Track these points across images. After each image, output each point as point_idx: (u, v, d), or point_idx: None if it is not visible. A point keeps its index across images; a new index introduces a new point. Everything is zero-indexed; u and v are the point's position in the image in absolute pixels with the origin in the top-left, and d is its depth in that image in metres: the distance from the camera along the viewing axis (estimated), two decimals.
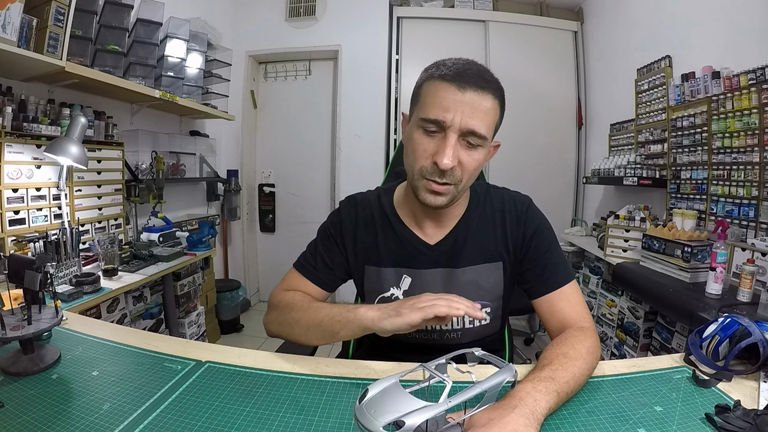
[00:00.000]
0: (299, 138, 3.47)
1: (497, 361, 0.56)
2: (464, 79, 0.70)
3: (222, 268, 3.31)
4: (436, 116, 0.70)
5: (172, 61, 2.27)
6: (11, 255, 0.80)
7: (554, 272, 0.82)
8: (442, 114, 0.70)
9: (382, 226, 0.89)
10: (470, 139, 0.72)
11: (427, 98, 0.73)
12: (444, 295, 0.68)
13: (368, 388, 0.50)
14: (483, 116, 0.71)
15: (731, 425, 0.55)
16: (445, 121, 0.70)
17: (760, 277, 1.49)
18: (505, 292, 0.87)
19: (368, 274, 0.89)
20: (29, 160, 1.62)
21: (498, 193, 0.90)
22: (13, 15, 1.34)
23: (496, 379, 0.52)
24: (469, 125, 0.70)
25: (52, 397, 0.63)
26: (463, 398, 0.48)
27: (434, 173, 0.73)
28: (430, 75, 0.74)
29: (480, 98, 0.70)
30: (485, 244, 0.85)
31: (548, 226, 0.87)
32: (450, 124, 0.70)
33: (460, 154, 0.72)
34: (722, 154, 1.90)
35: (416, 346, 0.90)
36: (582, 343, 0.69)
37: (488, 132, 0.73)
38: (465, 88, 0.69)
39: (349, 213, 0.92)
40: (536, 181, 3.27)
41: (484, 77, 0.72)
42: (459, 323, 0.86)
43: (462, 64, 0.73)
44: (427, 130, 0.72)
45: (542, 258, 0.83)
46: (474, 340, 0.88)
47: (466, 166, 0.73)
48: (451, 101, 0.70)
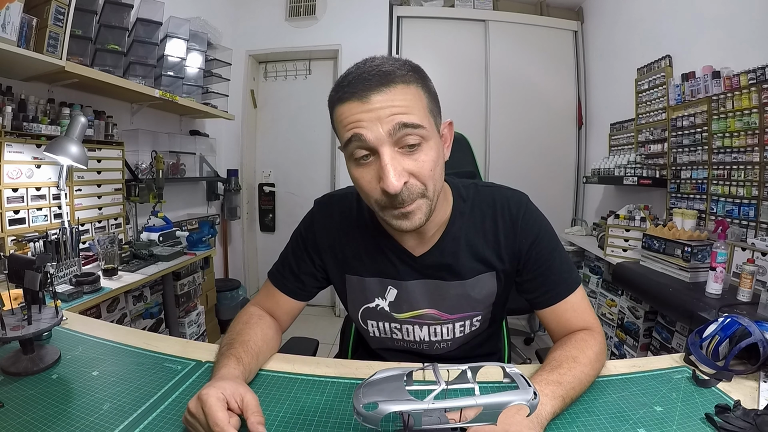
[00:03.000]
0: (299, 138, 3.47)
1: (521, 381, 0.52)
2: (362, 88, 0.59)
3: (222, 267, 3.31)
4: (350, 134, 0.60)
5: (172, 60, 2.26)
6: (11, 255, 0.80)
7: (558, 282, 0.76)
8: (356, 131, 0.59)
9: (362, 232, 0.80)
10: (408, 139, 0.60)
11: (339, 128, 0.63)
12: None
13: (376, 372, 0.51)
14: (404, 108, 0.59)
15: (731, 425, 0.55)
16: (363, 136, 0.59)
17: (760, 276, 1.49)
18: (497, 300, 0.81)
19: (350, 283, 0.82)
20: (29, 160, 1.62)
21: (488, 193, 0.79)
22: (12, 14, 1.34)
23: (500, 399, 0.49)
24: (392, 123, 0.58)
25: (52, 397, 0.63)
26: (452, 405, 0.48)
27: (392, 200, 0.62)
28: (332, 104, 0.64)
29: (389, 94, 0.59)
30: (476, 255, 0.76)
31: (548, 229, 0.78)
32: (374, 139, 0.59)
33: (405, 164, 0.61)
34: (722, 154, 1.90)
35: (407, 353, 0.86)
36: (591, 348, 0.68)
37: (422, 118, 0.61)
38: (367, 96, 0.59)
39: (324, 217, 0.84)
40: (536, 181, 3.27)
41: (381, 70, 0.60)
42: (449, 334, 0.81)
43: (356, 72, 0.61)
44: (358, 160, 0.62)
45: (544, 268, 0.76)
46: (464, 344, 0.84)
47: (420, 174, 0.62)
48: (361, 116, 0.59)
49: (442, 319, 0.80)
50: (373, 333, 0.85)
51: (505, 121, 3.27)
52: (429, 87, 0.65)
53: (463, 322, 0.80)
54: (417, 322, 0.81)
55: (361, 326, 0.86)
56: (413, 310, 0.80)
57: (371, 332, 0.85)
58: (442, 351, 0.84)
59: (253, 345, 0.71)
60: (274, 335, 0.79)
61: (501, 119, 3.27)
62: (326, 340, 2.65)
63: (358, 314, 0.84)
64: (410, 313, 0.80)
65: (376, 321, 0.83)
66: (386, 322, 0.82)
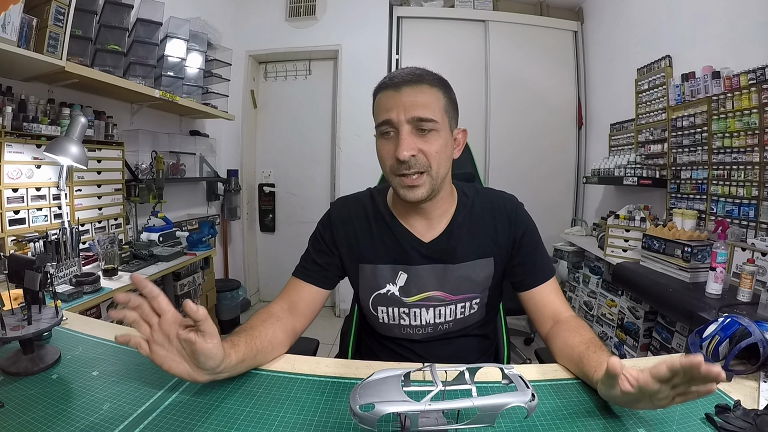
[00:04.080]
0: (299, 138, 3.47)
1: (519, 383, 0.52)
2: (397, 80, 0.78)
3: (222, 267, 3.31)
4: (382, 118, 0.79)
5: (172, 60, 2.27)
6: (11, 255, 0.80)
7: (542, 267, 0.90)
8: (386, 114, 0.78)
9: (377, 223, 0.91)
10: (422, 125, 0.77)
11: (375, 109, 0.82)
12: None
13: (374, 372, 0.52)
14: (424, 103, 0.77)
15: (731, 425, 0.55)
16: (390, 118, 0.77)
17: (760, 277, 1.49)
18: (493, 284, 0.92)
19: (363, 272, 0.91)
20: (29, 160, 1.62)
21: (486, 194, 0.96)
22: (13, 15, 1.34)
23: (498, 400, 0.48)
24: (412, 113, 0.76)
25: (52, 397, 0.63)
26: (449, 406, 0.48)
27: (401, 167, 0.78)
28: (374, 93, 0.84)
29: (416, 90, 0.77)
30: (478, 241, 0.90)
31: (534, 224, 0.94)
32: (397, 120, 0.77)
33: (417, 143, 0.77)
34: (722, 154, 1.90)
35: (412, 341, 0.92)
36: (589, 330, 0.79)
37: (436, 115, 0.78)
38: (399, 87, 0.78)
39: (340, 213, 0.94)
40: (536, 181, 3.27)
41: (415, 72, 0.80)
42: (451, 315, 0.90)
43: (398, 71, 0.81)
44: (383, 134, 0.80)
45: (531, 254, 0.91)
46: (464, 327, 0.92)
47: (428, 152, 0.78)
48: (392, 102, 0.78)
49: (446, 300, 0.89)
50: (382, 319, 0.92)
51: (505, 122, 3.27)
52: (450, 95, 0.83)
53: (464, 304, 0.90)
54: (424, 304, 0.89)
55: (371, 313, 0.93)
56: (421, 293, 0.89)
57: (381, 318, 0.92)
58: (445, 330, 0.91)
59: (258, 342, 0.73)
60: (283, 340, 0.80)
61: (501, 119, 3.27)
62: (326, 340, 2.65)
63: (369, 301, 0.91)
64: (418, 296, 0.89)
65: (386, 307, 0.91)
66: (396, 308, 0.90)
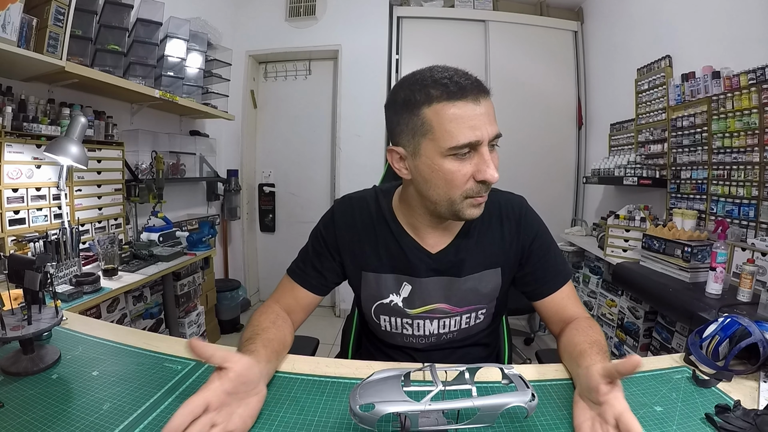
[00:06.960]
0: (299, 138, 3.47)
1: (519, 383, 0.52)
2: (474, 91, 0.67)
3: (222, 267, 3.31)
4: (469, 140, 0.66)
5: (172, 60, 2.26)
6: (11, 255, 0.80)
7: (556, 273, 0.85)
8: (473, 134, 0.66)
9: (381, 231, 0.85)
10: (495, 142, 0.71)
11: (447, 125, 0.67)
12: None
13: (374, 372, 0.52)
14: (495, 117, 0.71)
15: (731, 425, 0.55)
16: (479, 140, 0.67)
17: (760, 277, 1.49)
18: (500, 294, 0.88)
19: (366, 280, 0.87)
20: (29, 160, 1.62)
21: (493, 198, 0.86)
22: (13, 15, 1.34)
23: (498, 400, 0.48)
24: (493, 131, 0.69)
25: (52, 397, 0.63)
26: (449, 406, 0.48)
27: (480, 190, 0.71)
28: (430, 99, 0.67)
29: (489, 102, 0.70)
30: (486, 251, 0.84)
31: (545, 227, 0.89)
32: (482, 138, 0.67)
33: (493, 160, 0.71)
34: (722, 154, 1.90)
35: (414, 349, 0.90)
36: (599, 332, 0.75)
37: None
38: (478, 99, 0.67)
39: (344, 215, 0.88)
40: (536, 181, 3.27)
41: (476, 78, 0.70)
42: (456, 326, 0.87)
43: (454, 74, 0.68)
44: (460, 156, 0.68)
45: (543, 261, 0.85)
46: (468, 336, 0.89)
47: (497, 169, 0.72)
48: (476, 119, 0.67)
49: (451, 312, 0.85)
50: (384, 327, 0.89)
51: (505, 121, 3.21)
52: None
53: (469, 315, 0.86)
54: (428, 316, 0.85)
55: (373, 320, 0.90)
56: (426, 305, 0.85)
57: (383, 326, 0.89)
58: (449, 339, 0.88)
59: (276, 344, 0.71)
60: (290, 342, 0.80)
61: (501, 119, 3.11)
62: (326, 340, 2.65)
63: (372, 310, 0.88)
64: (423, 308, 0.85)
65: (388, 316, 0.88)
66: (398, 318, 0.87)
